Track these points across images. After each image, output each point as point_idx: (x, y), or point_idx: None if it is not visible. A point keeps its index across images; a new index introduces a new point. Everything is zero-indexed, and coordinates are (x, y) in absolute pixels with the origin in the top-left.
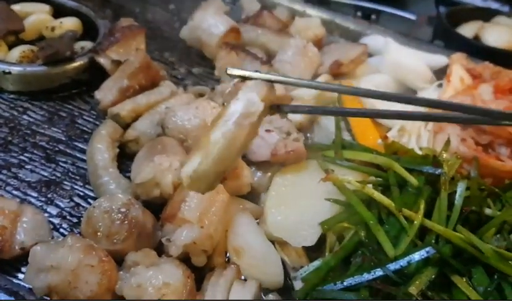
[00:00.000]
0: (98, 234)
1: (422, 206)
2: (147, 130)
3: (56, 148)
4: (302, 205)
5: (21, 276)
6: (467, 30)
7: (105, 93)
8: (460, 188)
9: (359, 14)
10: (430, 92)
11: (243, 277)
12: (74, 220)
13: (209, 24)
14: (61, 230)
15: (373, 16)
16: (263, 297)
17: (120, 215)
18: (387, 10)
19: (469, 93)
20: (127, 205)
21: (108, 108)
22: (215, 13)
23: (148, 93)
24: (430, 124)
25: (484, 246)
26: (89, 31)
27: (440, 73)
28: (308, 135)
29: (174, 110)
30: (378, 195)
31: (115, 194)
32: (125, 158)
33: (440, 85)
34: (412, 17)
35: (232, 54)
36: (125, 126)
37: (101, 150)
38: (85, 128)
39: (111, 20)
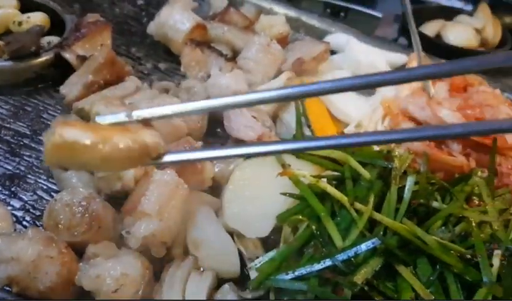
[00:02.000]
0: (59, 226)
1: (372, 199)
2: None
3: (21, 143)
4: (258, 198)
5: None
6: (430, 29)
7: (70, 88)
8: (409, 182)
9: (328, 10)
10: (387, 90)
11: (201, 268)
12: (37, 213)
13: (176, 20)
14: (24, 223)
15: (342, 13)
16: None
17: (80, 208)
18: (355, 8)
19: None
20: (88, 199)
21: (73, 102)
22: (182, 9)
23: (113, 88)
24: (387, 120)
25: (427, 237)
26: (56, 25)
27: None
28: None
29: (137, 106)
30: (331, 189)
31: (77, 187)
32: None
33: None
34: (378, 15)
35: (197, 51)
36: (89, 121)
37: None
38: (50, 123)
39: (79, 14)
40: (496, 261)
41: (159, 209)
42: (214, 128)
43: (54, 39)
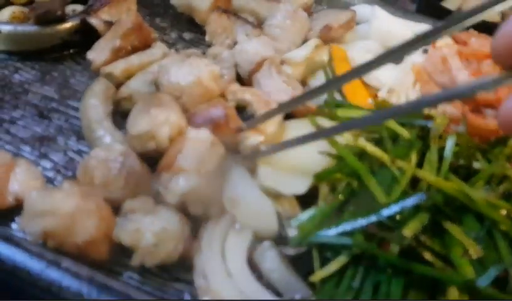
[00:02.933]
0: (95, 182)
1: (414, 157)
2: (140, 88)
3: (49, 106)
4: (294, 157)
5: (14, 226)
6: (452, 2)
7: (97, 54)
8: (450, 142)
9: None
10: (416, 57)
11: (238, 226)
12: (69, 173)
13: None
14: (56, 183)
15: None
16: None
17: (117, 164)
18: None
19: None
20: (124, 155)
21: (100, 68)
22: None
23: (141, 54)
24: (418, 86)
25: (475, 193)
26: None
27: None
28: None
29: (168, 67)
30: (370, 147)
31: (112, 145)
32: (118, 116)
33: (426, 51)
34: None
35: (223, 17)
36: (118, 86)
37: (95, 105)
38: (77, 88)
39: None
40: None
41: (197, 166)
42: None
43: (78, 8)
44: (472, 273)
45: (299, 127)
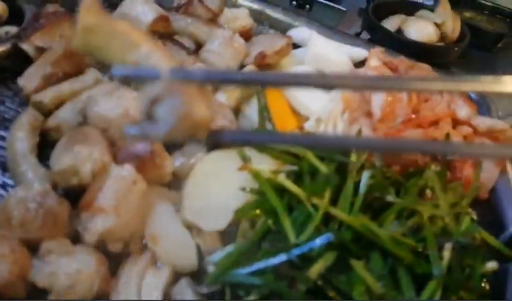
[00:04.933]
0: (13, 222)
1: (328, 194)
2: (68, 118)
3: None
4: (218, 192)
5: None
6: (391, 23)
7: (28, 80)
8: (365, 176)
9: (294, 2)
10: None
11: (158, 263)
12: None
13: (138, 11)
14: None
15: (307, 6)
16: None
17: (34, 204)
18: (320, 1)
19: None
20: (42, 194)
21: (31, 95)
22: (144, 0)
23: (72, 81)
24: (346, 114)
25: (380, 231)
26: (14, 15)
27: (361, 66)
28: None
29: (96, 99)
30: (288, 184)
31: (33, 182)
32: (46, 146)
33: None
34: (343, 8)
35: (159, 43)
36: (48, 114)
37: (21, 138)
38: (6, 115)
39: (39, 4)
40: (446, 254)
41: (116, 205)
42: None
43: (12, 29)
44: None
45: (228, 158)
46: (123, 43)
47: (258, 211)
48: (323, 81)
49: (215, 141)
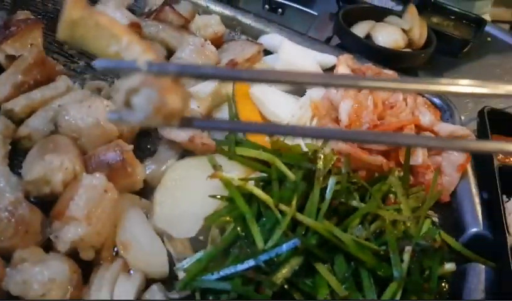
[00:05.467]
0: None
1: (295, 201)
2: (39, 127)
3: None
4: (188, 199)
5: None
6: (360, 29)
7: None
8: (331, 182)
9: (266, 6)
10: (318, 90)
11: (130, 270)
12: None
13: None
14: None
15: (280, 10)
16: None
17: (6, 213)
18: (292, 5)
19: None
20: (14, 204)
21: (1, 103)
22: (115, 7)
23: (43, 89)
24: (315, 121)
25: (344, 236)
26: None
27: (331, 72)
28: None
29: (67, 108)
30: (257, 191)
31: (4, 191)
32: (18, 154)
33: None
34: (315, 13)
35: None
36: (19, 122)
37: None
38: None
39: (9, 10)
40: (406, 257)
41: (87, 213)
42: (146, 130)
43: None
44: None
45: (198, 165)
46: (105, 35)
47: (227, 218)
48: (289, 78)
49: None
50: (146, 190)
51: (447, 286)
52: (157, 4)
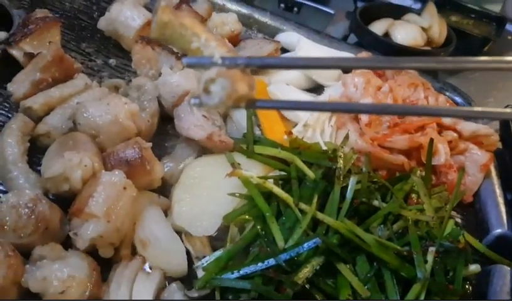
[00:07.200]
0: (5, 228)
1: (315, 199)
2: (58, 124)
3: None
4: (207, 197)
5: None
6: (378, 27)
7: (17, 86)
8: (352, 182)
9: (282, 5)
10: (336, 88)
11: (148, 268)
12: None
13: (126, 16)
14: None
15: (295, 9)
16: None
17: (26, 210)
18: (308, 4)
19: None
20: (34, 200)
21: (20, 100)
22: (133, 5)
23: (61, 86)
24: (333, 119)
25: (366, 236)
26: (3, 21)
27: (349, 70)
28: None
29: (86, 105)
30: (276, 190)
31: (24, 188)
32: (37, 152)
33: None
34: (331, 11)
35: (147, 49)
36: (38, 119)
37: (11, 145)
38: None
39: (28, 9)
40: (430, 258)
41: (107, 211)
42: (164, 128)
43: (1, 35)
44: None
45: (217, 163)
46: (188, 34)
47: (246, 217)
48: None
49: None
50: (164, 189)
51: (470, 288)
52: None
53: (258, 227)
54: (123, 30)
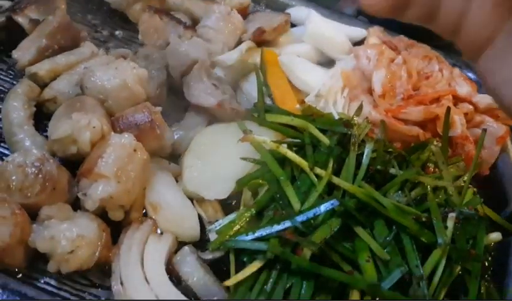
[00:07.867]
0: (12, 187)
1: (331, 164)
2: (65, 89)
3: None
4: (218, 162)
5: None
6: None
7: (23, 53)
8: (368, 149)
9: None
10: (348, 61)
11: (159, 231)
12: None
13: None
14: None
15: None
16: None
17: (33, 169)
18: None
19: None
20: (41, 160)
21: (26, 67)
22: None
23: (67, 53)
24: (346, 91)
25: (384, 200)
26: None
27: (359, 45)
28: None
29: (93, 69)
30: (291, 154)
31: (31, 149)
32: (43, 118)
33: None
34: None
35: (155, 18)
36: (43, 86)
37: (16, 108)
38: (1, 88)
39: None
40: (450, 224)
41: (117, 171)
42: (172, 100)
43: (5, 3)
44: (375, 276)
45: (227, 131)
46: None
47: (260, 181)
48: None
49: None
50: (174, 157)
51: (489, 259)
52: None
53: (273, 190)
54: (130, 0)
